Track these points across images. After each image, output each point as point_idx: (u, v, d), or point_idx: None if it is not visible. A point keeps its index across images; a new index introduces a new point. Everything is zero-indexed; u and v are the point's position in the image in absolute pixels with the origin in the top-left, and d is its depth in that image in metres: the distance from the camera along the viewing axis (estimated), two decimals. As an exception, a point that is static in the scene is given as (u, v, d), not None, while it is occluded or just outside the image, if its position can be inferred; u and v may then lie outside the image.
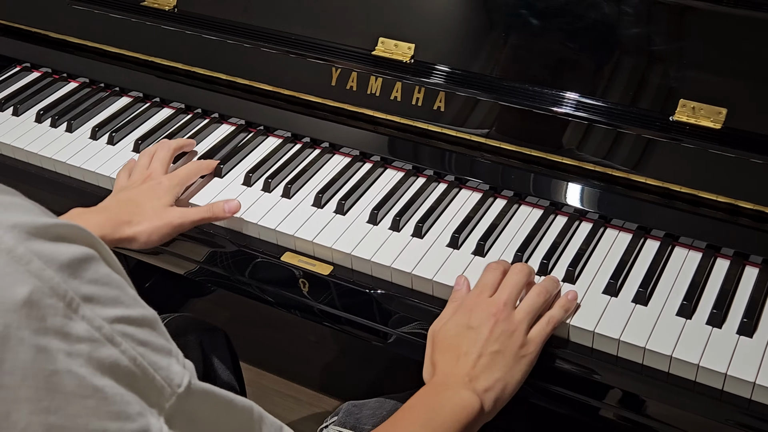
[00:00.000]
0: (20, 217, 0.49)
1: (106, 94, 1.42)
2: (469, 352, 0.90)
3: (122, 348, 0.51)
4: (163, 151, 1.19)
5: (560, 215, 1.12)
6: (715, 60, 1.07)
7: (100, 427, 0.49)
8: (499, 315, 0.93)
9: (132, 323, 0.52)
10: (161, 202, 1.10)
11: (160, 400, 0.53)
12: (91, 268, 0.51)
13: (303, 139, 1.28)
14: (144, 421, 0.51)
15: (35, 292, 0.47)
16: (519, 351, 0.92)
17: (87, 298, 0.50)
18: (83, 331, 0.49)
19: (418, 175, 1.20)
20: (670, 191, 1.07)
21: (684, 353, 0.92)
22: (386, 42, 1.22)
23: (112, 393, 0.49)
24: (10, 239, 0.47)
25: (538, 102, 1.13)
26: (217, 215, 1.12)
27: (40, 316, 0.47)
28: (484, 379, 0.89)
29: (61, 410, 0.48)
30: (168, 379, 0.54)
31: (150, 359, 0.53)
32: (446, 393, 0.88)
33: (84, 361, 0.48)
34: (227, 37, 1.33)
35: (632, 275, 1.02)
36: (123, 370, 0.51)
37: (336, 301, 1.11)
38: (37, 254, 0.48)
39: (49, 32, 1.49)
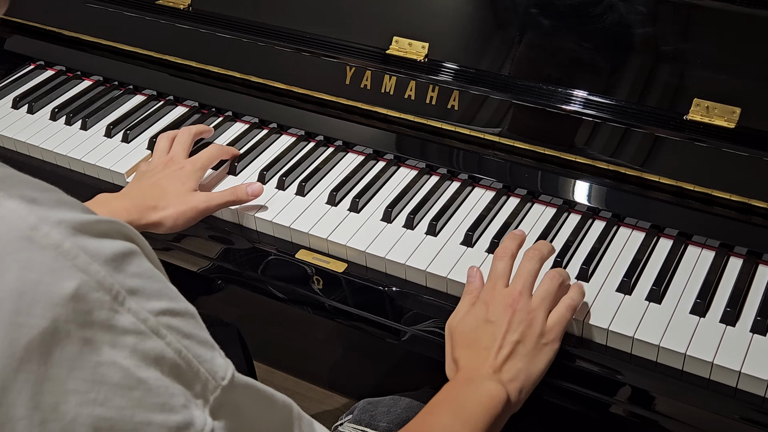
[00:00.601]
0: (65, 213, 0.50)
1: (120, 92, 1.43)
2: (490, 346, 0.90)
3: (167, 340, 0.51)
4: (184, 136, 1.19)
5: (573, 214, 1.12)
6: (729, 59, 1.07)
7: (145, 419, 0.49)
8: (516, 305, 0.92)
9: (176, 316, 0.53)
10: (185, 187, 1.11)
11: (204, 392, 0.53)
12: (135, 262, 0.52)
13: (317, 137, 1.28)
14: (188, 413, 0.52)
15: (82, 286, 0.48)
16: (539, 339, 0.92)
17: (132, 291, 0.50)
18: (129, 323, 0.50)
19: (432, 174, 1.20)
20: (683, 190, 1.07)
21: (698, 351, 0.93)
22: (400, 41, 1.23)
23: (156, 385, 0.50)
24: (57, 234, 0.48)
25: (551, 100, 1.13)
26: (241, 198, 1.13)
27: (86, 309, 0.48)
28: (507, 370, 0.89)
29: (107, 402, 0.48)
30: (212, 371, 0.54)
31: (194, 352, 0.53)
32: (472, 386, 0.88)
33: (129, 353, 0.49)
34: (241, 35, 1.34)
35: (646, 273, 1.03)
36: (168, 362, 0.51)
37: (350, 298, 1.12)
38: (84, 249, 0.49)
39: (63, 30, 1.50)
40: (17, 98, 1.42)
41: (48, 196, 0.50)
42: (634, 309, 0.98)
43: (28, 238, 0.47)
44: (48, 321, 0.46)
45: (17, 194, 0.49)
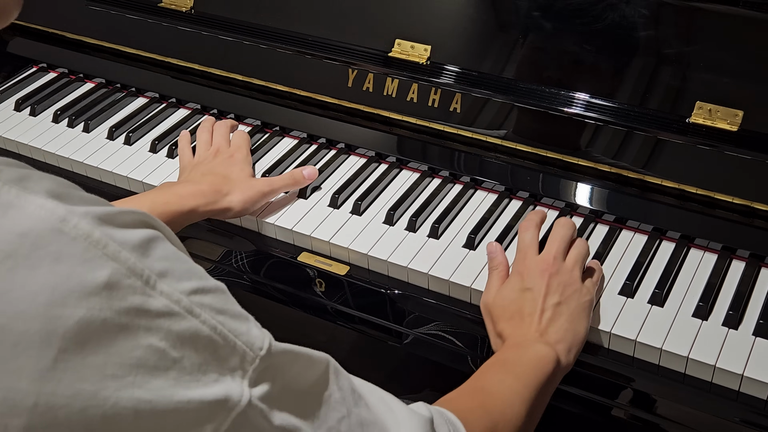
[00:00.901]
0: (89, 206, 0.51)
1: (122, 94, 1.43)
2: (532, 312, 0.92)
3: (202, 318, 0.52)
4: (224, 128, 1.24)
5: (576, 216, 1.12)
6: (732, 62, 1.07)
7: (184, 397, 0.50)
8: (551, 269, 0.94)
9: (208, 293, 0.54)
10: (245, 173, 1.15)
11: (243, 364, 0.54)
12: (160, 246, 0.53)
13: (319, 139, 1.28)
14: (225, 386, 0.52)
15: (114, 273, 0.49)
16: (580, 297, 0.93)
17: (162, 273, 0.51)
18: (162, 305, 0.50)
19: (434, 176, 1.21)
20: (685, 193, 1.08)
21: (700, 354, 0.93)
22: (403, 44, 1.23)
23: (192, 363, 0.51)
24: (86, 225, 0.49)
25: (553, 103, 1.13)
26: (299, 181, 1.16)
27: (120, 296, 0.49)
28: (554, 331, 0.91)
29: (146, 384, 0.49)
30: (249, 343, 0.55)
31: (230, 326, 0.54)
32: (520, 350, 0.89)
33: (164, 335, 0.50)
34: (243, 38, 1.34)
35: (648, 276, 1.03)
36: (204, 340, 0.52)
37: (352, 300, 1.12)
38: (112, 237, 0.50)
39: (65, 33, 1.50)
40: (20, 100, 1.42)
41: (71, 192, 0.51)
42: (637, 312, 0.98)
43: (59, 230, 0.48)
44: (84, 310, 0.47)
45: (42, 189, 0.50)
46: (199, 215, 1.09)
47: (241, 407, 0.53)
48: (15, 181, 0.49)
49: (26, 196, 0.49)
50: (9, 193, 0.49)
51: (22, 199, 0.49)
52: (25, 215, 0.48)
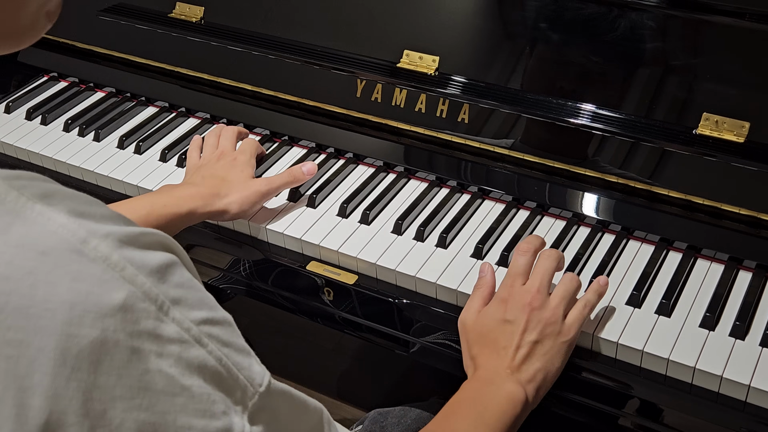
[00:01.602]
0: (111, 226, 0.51)
1: (132, 103, 1.44)
2: (508, 346, 0.92)
3: (209, 349, 0.53)
4: (230, 132, 1.25)
5: (583, 226, 1.13)
6: (739, 74, 1.08)
7: (186, 424, 0.51)
8: (534, 303, 0.93)
9: (216, 324, 0.54)
10: (244, 174, 1.15)
11: (243, 399, 0.55)
12: (177, 272, 0.53)
13: (327, 149, 1.29)
14: (228, 420, 0.53)
15: (130, 297, 0.49)
16: (557, 338, 0.92)
17: (175, 300, 0.52)
18: (173, 332, 0.51)
19: (442, 186, 1.21)
20: (692, 203, 1.08)
21: (707, 365, 0.93)
22: (411, 54, 1.24)
23: (199, 392, 0.52)
24: (105, 247, 0.50)
25: (561, 114, 1.14)
26: (298, 177, 1.17)
27: (134, 319, 0.49)
28: (526, 370, 0.91)
29: (152, 407, 0.50)
30: (250, 378, 0.56)
31: (234, 359, 0.55)
32: (491, 388, 0.89)
33: (174, 362, 0.51)
34: (252, 48, 1.35)
35: (655, 287, 1.03)
36: (210, 370, 0.53)
37: (360, 309, 1.12)
38: (130, 261, 0.50)
39: (76, 42, 1.51)
40: (31, 110, 1.43)
41: (94, 210, 0.52)
42: (644, 322, 0.98)
43: (79, 251, 0.49)
44: (98, 331, 0.48)
45: (66, 209, 0.50)
46: (198, 217, 1.10)
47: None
48: (39, 197, 0.50)
49: (49, 213, 0.50)
50: (33, 209, 0.49)
51: (45, 217, 0.49)
52: (47, 233, 0.49)
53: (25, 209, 0.49)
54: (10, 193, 0.50)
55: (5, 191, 0.50)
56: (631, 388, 0.97)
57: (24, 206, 0.49)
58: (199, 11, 1.41)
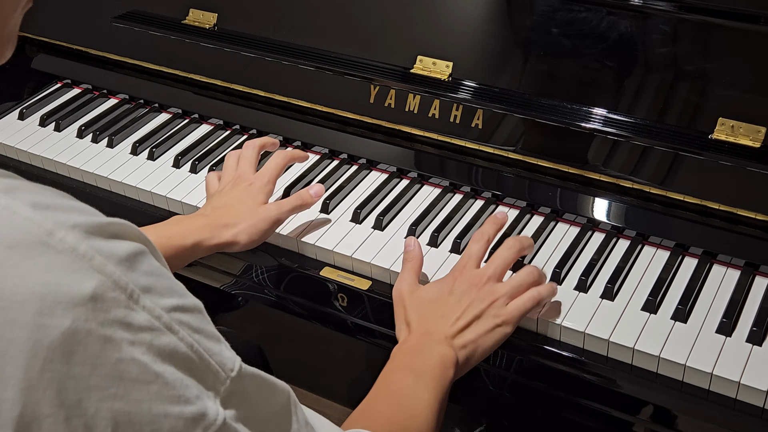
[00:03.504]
0: (78, 217, 0.51)
1: (145, 110, 1.44)
2: (449, 315, 0.95)
3: (180, 335, 0.53)
4: (249, 151, 1.18)
5: (598, 232, 1.12)
6: (754, 79, 1.08)
7: (162, 411, 0.51)
8: (482, 285, 0.97)
9: (186, 311, 0.55)
10: (255, 201, 1.11)
11: (216, 384, 0.55)
12: (145, 261, 0.54)
13: (340, 155, 1.29)
14: (202, 404, 0.53)
15: (100, 286, 0.50)
16: (494, 318, 0.95)
17: (145, 289, 0.52)
18: (144, 320, 0.51)
19: (455, 192, 1.21)
20: (707, 209, 1.08)
21: (724, 371, 0.92)
22: (424, 60, 1.24)
23: (172, 378, 0.52)
24: (72, 238, 0.50)
25: (575, 119, 1.14)
26: (306, 201, 1.14)
27: (105, 308, 0.50)
28: (460, 338, 0.94)
29: (126, 396, 0.50)
30: (221, 363, 0.56)
31: (204, 345, 0.55)
32: (426, 350, 0.92)
33: (146, 349, 0.51)
34: (265, 54, 1.35)
35: (671, 293, 1.02)
36: (181, 356, 0.53)
37: (373, 315, 1.12)
38: (98, 251, 0.50)
39: (89, 49, 1.52)
40: (44, 116, 1.44)
41: (60, 202, 0.52)
42: (660, 328, 0.98)
43: (45, 243, 0.49)
44: (69, 321, 0.48)
45: (30, 201, 0.50)
46: (205, 250, 1.07)
47: (217, 426, 0.54)
48: (3, 191, 0.50)
49: (14, 207, 0.50)
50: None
51: (9, 211, 0.50)
52: (13, 227, 0.49)
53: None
54: None
55: None
56: (647, 395, 0.97)
57: None
58: (212, 17, 1.41)
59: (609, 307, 1.01)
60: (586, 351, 0.99)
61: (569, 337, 0.99)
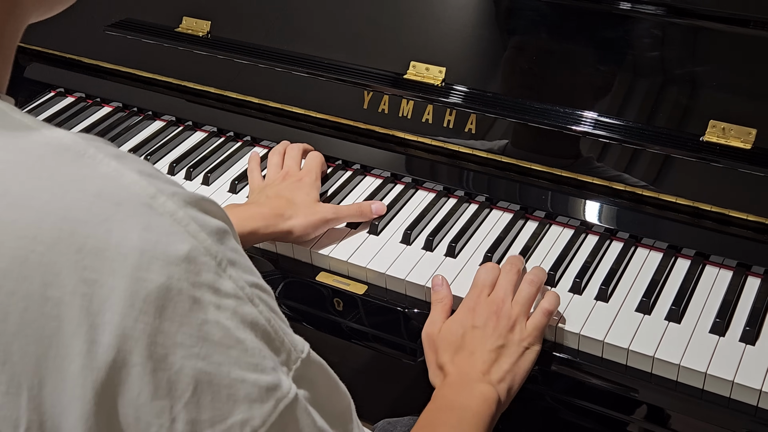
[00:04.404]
0: (177, 188, 0.55)
1: (139, 118, 1.45)
2: (477, 350, 0.95)
3: (260, 309, 0.56)
4: (295, 150, 1.24)
5: (591, 235, 1.13)
6: (745, 82, 1.09)
7: (240, 377, 0.54)
8: (500, 311, 0.97)
9: (264, 291, 0.58)
10: (311, 198, 1.15)
11: (288, 361, 0.58)
12: (231, 239, 0.57)
13: (335, 161, 1.30)
14: (276, 376, 0.56)
15: (193, 250, 0.53)
16: (521, 343, 0.96)
17: (231, 261, 0.55)
18: (230, 288, 0.54)
19: (450, 196, 1.22)
20: (700, 210, 1.09)
21: (718, 370, 0.93)
22: (418, 66, 1.25)
23: (252, 346, 0.54)
24: (172, 204, 0.54)
25: (568, 123, 1.15)
26: (366, 214, 1.16)
27: (196, 270, 0.53)
28: (495, 372, 0.94)
29: (209, 357, 0.53)
30: (293, 344, 0.58)
31: (279, 324, 0.57)
32: (465, 391, 0.92)
33: (230, 315, 0.54)
34: (259, 61, 1.36)
35: (664, 293, 1.03)
36: (261, 328, 0.55)
37: (369, 319, 1.13)
38: (194, 219, 0.54)
39: (82, 58, 1.52)
40: (38, 125, 1.44)
41: (161, 174, 0.56)
42: (654, 329, 0.99)
43: (149, 205, 0.53)
44: (164, 278, 0.51)
45: (136, 168, 0.54)
46: (260, 237, 1.10)
47: (290, 399, 0.56)
48: (113, 156, 0.54)
49: (123, 170, 0.54)
50: (109, 165, 0.54)
51: (119, 173, 0.54)
52: (122, 187, 0.53)
53: (102, 165, 0.53)
54: (89, 149, 0.54)
55: (85, 147, 0.54)
56: (642, 394, 0.97)
57: (101, 162, 0.54)
58: (205, 25, 1.42)
59: (603, 308, 1.02)
60: (581, 352, 1.00)
61: (564, 339, 1.00)
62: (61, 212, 0.51)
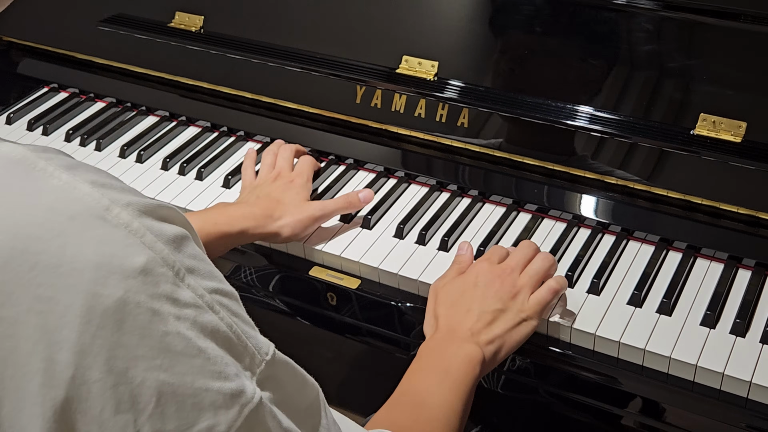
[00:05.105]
0: (132, 197, 0.54)
1: (133, 113, 1.45)
2: (473, 309, 0.96)
3: (220, 315, 0.56)
4: (287, 151, 1.24)
5: (583, 228, 1.14)
6: (735, 75, 1.09)
7: (203, 385, 0.53)
8: (505, 277, 0.98)
9: (225, 295, 0.57)
10: (300, 197, 1.15)
11: (252, 366, 0.57)
12: (189, 245, 0.56)
13: (328, 155, 1.30)
14: (240, 382, 0.56)
15: (150, 261, 0.52)
16: (519, 313, 0.97)
17: (190, 269, 0.55)
18: (189, 297, 0.54)
19: (442, 190, 1.22)
20: (691, 204, 1.09)
21: (709, 362, 0.94)
22: (410, 60, 1.25)
23: (214, 354, 0.54)
24: (126, 215, 0.53)
25: (560, 117, 1.15)
26: (354, 204, 1.17)
27: (154, 282, 0.52)
28: (486, 333, 0.95)
29: (171, 368, 0.52)
30: (257, 346, 0.58)
31: (242, 328, 0.57)
32: (452, 349, 0.93)
33: (190, 325, 0.53)
34: (252, 56, 1.36)
35: (656, 286, 1.04)
36: (222, 335, 0.55)
37: (362, 313, 1.13)
38: (149, 229, 0.53)
39: (76, 53, 1.52)
40: (32, 121, 1.44)
41: (115, 183, 0.55)
42: (645, 321, 0.99)
43: (102, 217, 0.52)
44: (122, 291, 0.51)
45: (89, 179, 0.53)
46: (249, 237, 1.10)
47: (254, 404, 0.56)
48: (65, 168, 0.53)
49: (75, 183, 0.53)
50: (60, 178, 0.53)
51: (71, 186, 0.53)
52: (74, 200, 0.52)
53: (53, 178, 0.53)
54: (39, 162, 0.53)
55: (35, 160, 0.53)
56: (634, 387, 0.98)
57: (52, 175, 0.53)
58: (198, 20, 1.42)
59: (595, 301, 1.02)
60: (573, 345, 1.00)
61: (556, 332, 1.01)
62: (13, 229, 0.50)
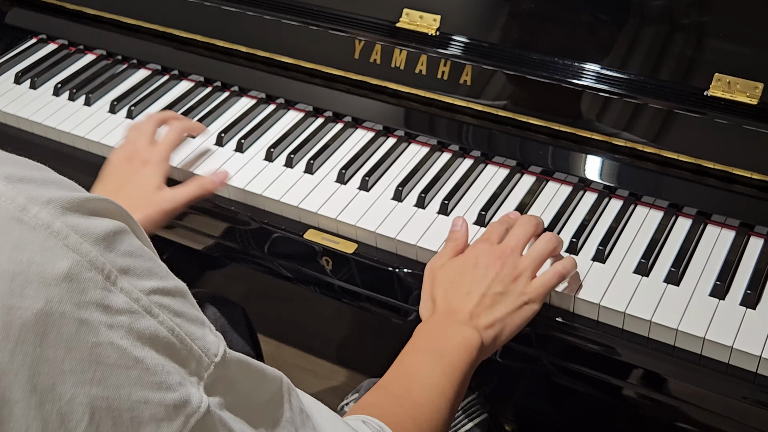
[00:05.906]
0: (54, 192, 0.49)
1: (124, 66, 1.40)
2: (473, 291, 0.92)
3: (160, 319, 0.51)
4: (147, 124, 1.15)
5: (589, 192, 1.09)
6: (751, 33, 1.04)
7: (142, 398, 0.49)
8: (506, 258, 0.94)
9: (167, 294, 0.53)
10: (150, 186, 1.07)
11: (199, 370, 0.53)
12: (125, 240, 0.51)
13: (325, 113, 1.25)
14: (184, 391, 0.52)
15: (74, 266, 0.47)
16: (521, 296, 0.93)
17: (123, 270, 0.50)
18: (122, 303, 0.49)
19: (443, 151, 1.18)
20: (702, 168, 1.05)
21: (717, 335, 0.90)
22: (411, 13, 1.19)
23: (153, 364, 0.50)
24: (46, 215, 0.47)
25: (566, 75, 1.10)
26: (208, 189, 1.11)
27: (80, 289, 0.47)
28: (486, 317, 0.91)
29: (104, 381, 0.48)
30: (205, 348, 0.54)
31: (186, 329, 0.53)
32: (449, 332, 0.89)
33: (125, 333, 0.49)
34: (248, 8, 1.30)
35: (664, 254, 1.00)
36: (162, 341, 0.51)
37: (359, 278, 1.10)
38: (74, 228, 0.48)
39: (65, 3, 1.47)
40: (19, 73, 1.39)
41: (35, 175, 0.50)
42: (652, 291, 0.96)
43: (18, 219, 0.47)
44: (42, 302, 0.46)
45: (3, 174, 0.48)
46: None
47: (201, 413, 0.52)
48: None
49: None
50: None
51: None
52: None
53: None
54: None
55: None
56: (638, 359, 0.95)
57: None
58: (191, -30, 1.36)
59: (600, 269, 0.99)
60: (576, 315, 0.97)
61: (559, 302, 0.97)
62: None
